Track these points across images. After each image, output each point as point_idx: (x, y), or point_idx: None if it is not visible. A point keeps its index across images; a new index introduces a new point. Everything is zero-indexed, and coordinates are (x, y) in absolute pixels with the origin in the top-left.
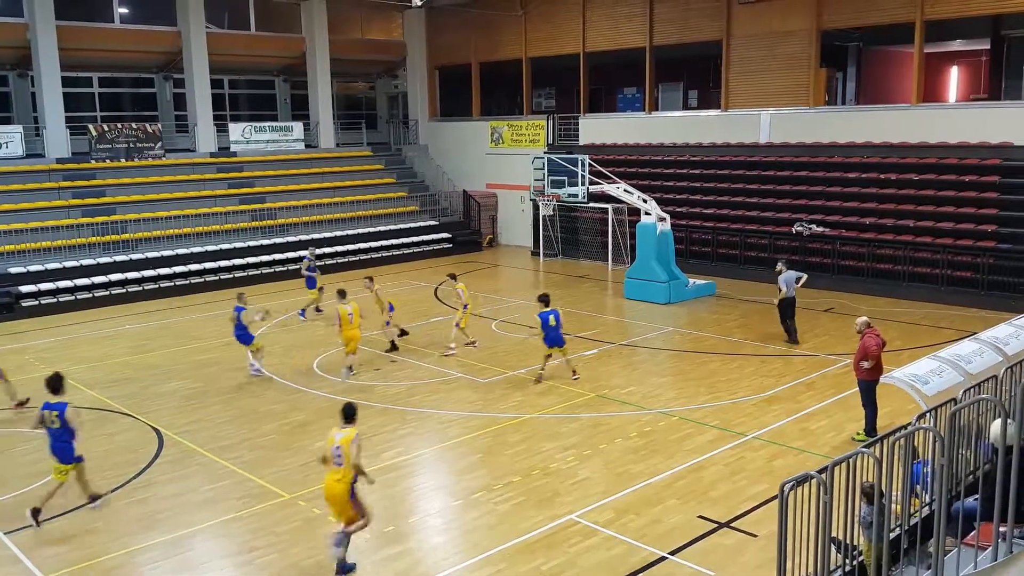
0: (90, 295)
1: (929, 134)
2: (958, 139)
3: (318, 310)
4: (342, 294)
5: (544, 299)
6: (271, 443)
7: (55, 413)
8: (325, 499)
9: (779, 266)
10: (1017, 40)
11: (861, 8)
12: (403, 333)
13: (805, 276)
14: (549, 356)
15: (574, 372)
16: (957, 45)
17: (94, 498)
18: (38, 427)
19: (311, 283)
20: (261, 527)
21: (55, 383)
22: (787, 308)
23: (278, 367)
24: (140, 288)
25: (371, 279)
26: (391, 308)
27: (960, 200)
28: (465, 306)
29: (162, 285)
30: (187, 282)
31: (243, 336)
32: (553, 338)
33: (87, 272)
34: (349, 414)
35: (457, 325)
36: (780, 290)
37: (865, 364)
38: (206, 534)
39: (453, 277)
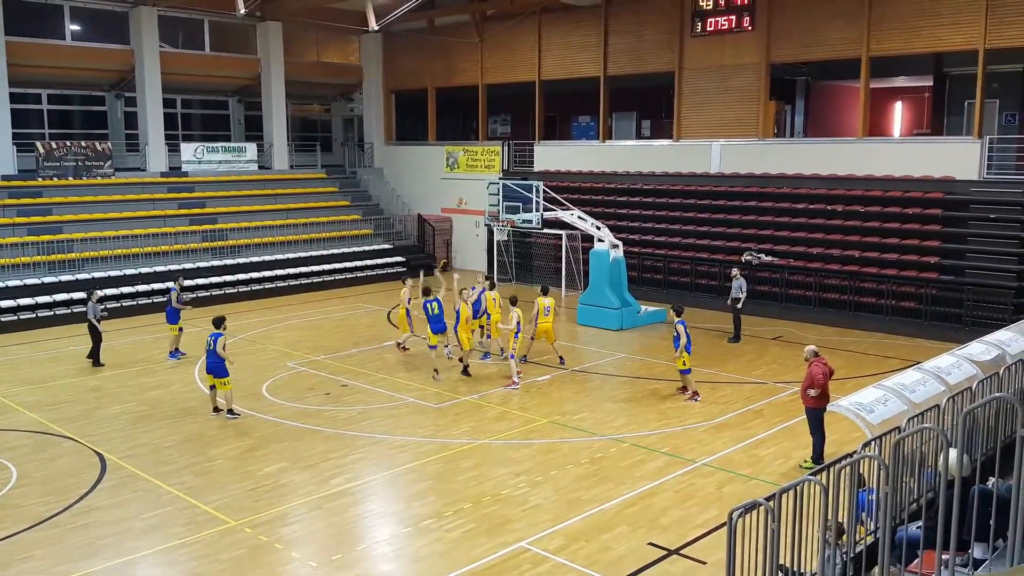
0: (33, 315)
1: (874, 167)
2: (902, 172)
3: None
4: (544, 291)
5: (678, 309)
6: (217, 468)
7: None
8: (540, 334)
9: (734, 271)
10: (958, 77)
11: (809, 43)
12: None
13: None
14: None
15: (695, 393)
16: (901, 81)
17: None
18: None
19: (174, 318)
20: (206, 554)
21: (217, 321)
22: (732, 309)
23: None
24: (85, 308)
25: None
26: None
27: (904, 232)
28: (518, 331)
29: (108, 306)
30: (134, 303)
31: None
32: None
33: (31, 292)
34: (546, 291)
35: (511, 357)
36: (740, 295)
37: (811, 392)
38: (149, 561)
39: (513, 302)
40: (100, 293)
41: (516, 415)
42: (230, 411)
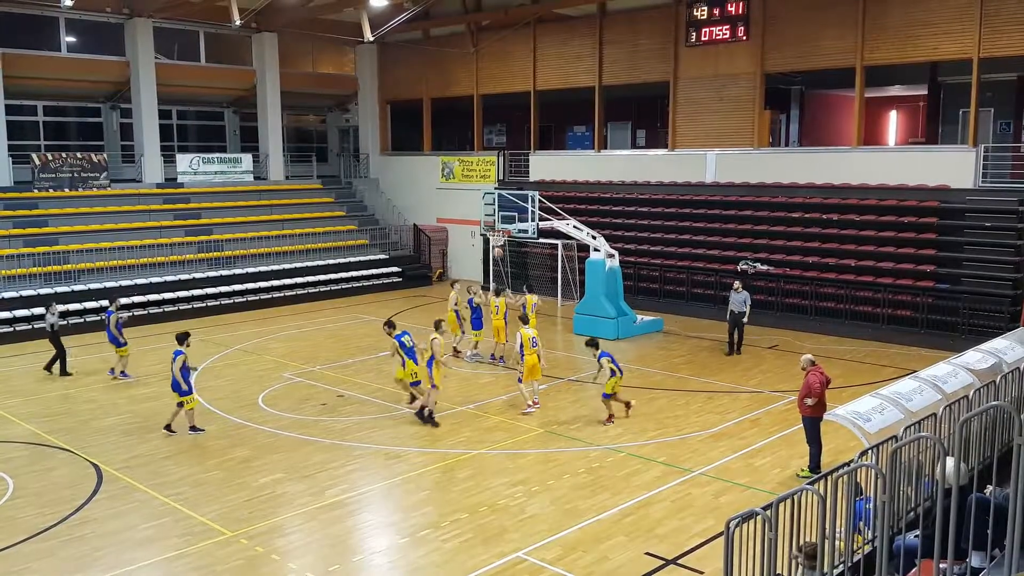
0: (29, 327)
1: (869, 176)
2: (897, 181)
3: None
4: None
5: (594, 342)
6: (214, 479)
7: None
8: (530, 370)
9: (736, 284)
10: (952, 87)
11: (803, 53)
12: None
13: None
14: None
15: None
16: (896, 90)
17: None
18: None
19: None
20: (202, 566)
21: (180, 337)
22: (733, 323)
23: (222, 402)
24: (81, 320)
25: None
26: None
27: (900, 241)
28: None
29: (103, 317)
30: (129, 314)
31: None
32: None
33: (26, 303)
34: (526, 320)
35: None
36: (744, 308)
37: (808, 401)
38: (146, 573)
39: (524, 320)
40: (61, 307)
41: (512, 425)
42: (167, 427)
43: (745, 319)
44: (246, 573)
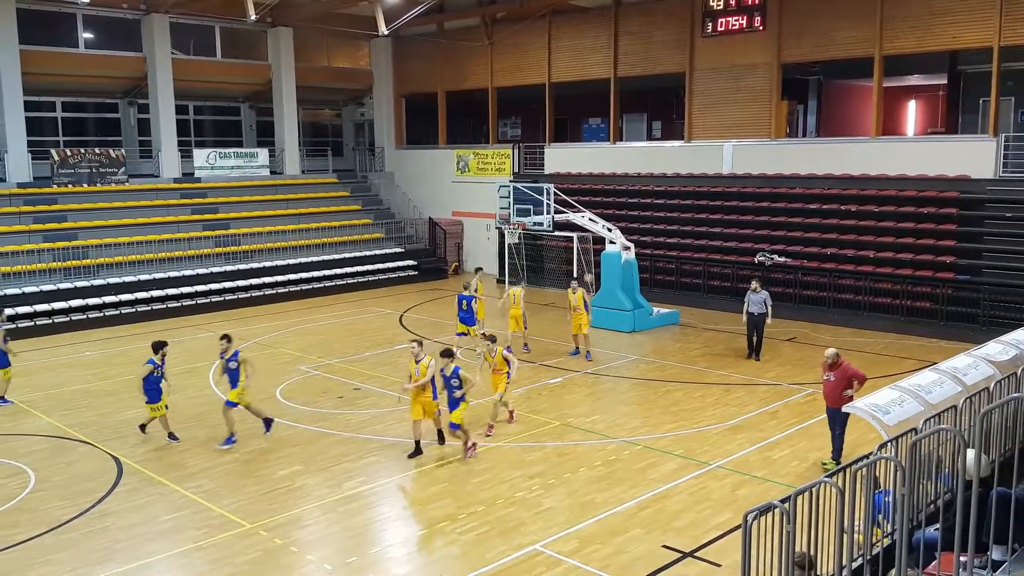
0: (49, 321)
1: (888, 166)
2: (917, 172)
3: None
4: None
5: (448, 352)
6: (232, 472)
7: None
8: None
9: (754, 284)
10: (973, 75)
11: (821, 43)
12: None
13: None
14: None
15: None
16: (915, 80)
17: None
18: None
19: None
20: (221, 557)
21: (155, 345)
22: (751, 325)
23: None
24: (101, 314)
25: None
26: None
27: (919, 232)
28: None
29: (123, 311)
30: (148, 308)
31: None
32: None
33: (47, 298)
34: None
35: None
36: (766, 309)
37: (849, 392)
38: (165, 565)
39: (578, 280)
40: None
41: (528, 418)
42: (170, 435)
43: (768, 319)
44: (265, 565)
